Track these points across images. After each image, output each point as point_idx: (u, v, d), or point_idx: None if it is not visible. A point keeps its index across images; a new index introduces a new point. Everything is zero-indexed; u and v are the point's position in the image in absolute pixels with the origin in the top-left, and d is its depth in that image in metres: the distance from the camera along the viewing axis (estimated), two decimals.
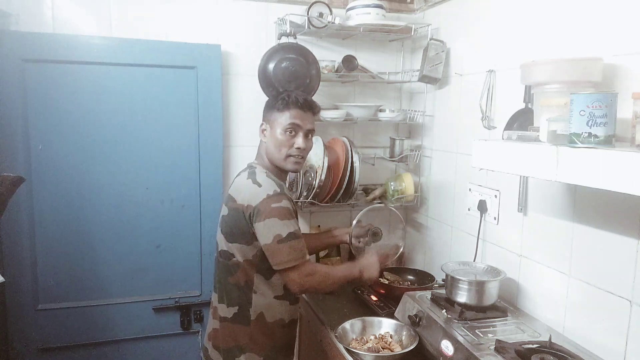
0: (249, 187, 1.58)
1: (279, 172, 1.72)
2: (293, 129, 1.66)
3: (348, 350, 1.64)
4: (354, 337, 1.77)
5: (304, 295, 2.09)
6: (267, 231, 1.52)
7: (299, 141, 1.66)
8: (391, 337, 1.77)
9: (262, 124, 1.73)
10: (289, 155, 1.67)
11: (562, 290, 1.60)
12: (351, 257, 2.56)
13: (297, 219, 1.64)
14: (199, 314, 2.32)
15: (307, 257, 1.59)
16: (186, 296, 2.31)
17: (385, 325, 1.81)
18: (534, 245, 1.74)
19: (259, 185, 1.57)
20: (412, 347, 1.62)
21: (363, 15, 2.21)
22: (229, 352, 1.64)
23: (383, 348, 1.70)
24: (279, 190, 1.57)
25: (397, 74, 2.52)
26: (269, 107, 1.71)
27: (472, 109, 2.00)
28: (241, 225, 1.57)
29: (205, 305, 2.32)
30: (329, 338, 1.82)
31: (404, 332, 1.74)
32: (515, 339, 1.51)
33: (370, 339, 1.76)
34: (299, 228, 1.60)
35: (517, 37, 1.79)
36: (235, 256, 1.61)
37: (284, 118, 1.65)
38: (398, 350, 1.67)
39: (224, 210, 1.65)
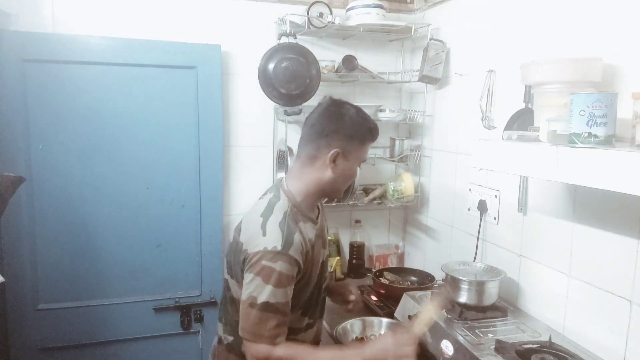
0: (255, 230, 1.34)
1: (313, 202, 1.46)
2: (364, 162, 1.49)
3: None
4: (354, 337, 1.77)
5: None
6: (247, 287, 1.30)
7: (357, 172, 1.50)
8: None
9: (334, 152, 1.37)
10: (347, 186, 1.50)
11: (562, 290, 1.60)
12: (352, 258, 2.56)
13: (309, 269, 1.39)
14: (199, 313, 2.32)
15: (279, 340, 1.29)
16: (186, 296, 2.30)
17: (385, 325, 1.81)
18: (534, 245, 1.74)
19: (264, 234, 1.32)
20: None
21: (363, 15, 2.21)
22: None
23: None
24: (279, 248, 1.28)
25: (397, 74, 2.52)
26: (351, 136, 1.39)
27: (472, 109, 2.00)
28: (237, 262, 1.39)
29: (206, 305, 2.32)
30: (329, 338, 1.82)
31: (405, 332, 1.74)
32: (515, 339, 1.51)
33: (371, 339, 1.76)
34: (287, 301, 1.30)
35: (517, 37, 1.79)
36: (231, 289, 1.45)
37: (364, 151, 1.44)
38: None
39: (231, 237, 1.49)
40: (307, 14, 2.16)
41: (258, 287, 1.28)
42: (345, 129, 1.38)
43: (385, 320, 1.82)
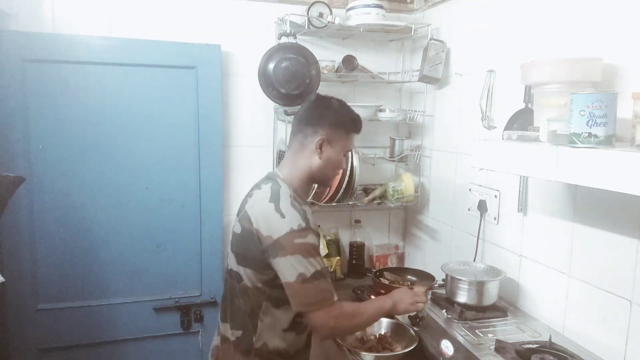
0: (271, 215, 1.41)
1: (306, 189, 1.59)
2: (349, 152, 1.65)
3: (349, 350, 1.64)
4: (355, 337, 1.77)
5: None
6: (290, 269, 1.37)
7: (345, 163, 1.64)
8: (391, 337, 1.77)
9: (320, 139, 1.49)
10: (335, 175, 1.63)
11: (562, 290, 1.60)
12: (352, 258, 2.56)
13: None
14: (199, 314, 2.32)
15: (335, 297, 1.43)
16: (186, 296, 2.30)
17: (386, 325, 1.81)
18: (534, 245, 1.74)
19: (282, 216, 1.39)
20: (412, 347, 1.62)
21: (363, 15, 2.21)
22: None
23: (383, 348, 1.70)
24: (304, 224, 1.40)
25: (397, 74, 2.52)
26: (335, 124, 1.52)
27: (472, 109, 2.00)
28: (254, 250, 1.43)
29: (205, 305, 2.32)
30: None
31: (404, 332, 1.74)
32: (515, 339, 1.51)
33: (371, 339, 1.76)
34: (325, 266, 1.46)
35: (517, 37, 1.79)
36: (243, 280, 1.48)
37: (349, 141, 1.56)
38: (398, 350, 1.67)
39: (237, 228, 1.50)
40: (307, 14, 2.16)
41: (302, 263, 1.37)
42: (329, 118, 1.51)
43: (384, 320, 1.82)
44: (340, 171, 1.66)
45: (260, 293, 1.46)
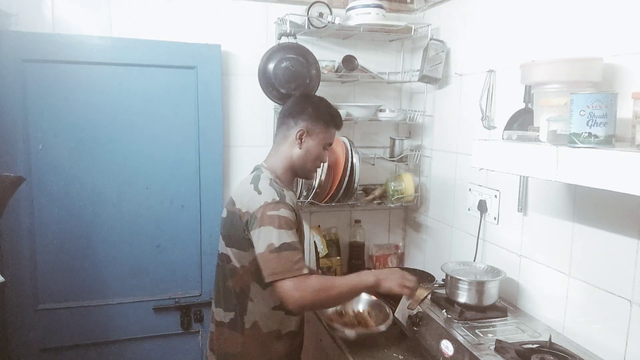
0: (249, 193, 1.52)
1: (289, 178, 1.67)
2: (330, 146, 1.70)
3: (326, 326, 1.74)
4: (335, 309, 1.86)
5: None
6: (262, 239, 1.43)
7: (327, 157, 1.71)
8: (368, 314, 1.87)
9: (300, 130, 1.61)
10: (316, 168, 1.71)
11: (562, 290, 1.60)
12: (352, 258, 2.57)
13: (300, 229, 1.57)
14: (199, 314, 2.32)
15: (305, 271, 1.43)
16: (186, 296, 2.31)
17: (364, 302, 1.91)
18: (534, 245, 1.74)
19: (259, 193, 1.50)
20: (385, 325, 1.72)
21: (363, 15, 2.21)
22: (222, 357, 1.61)
23: (359, 323, 1.78)
24: (277, 198, 1.48)
25: (397, 74, 2.52)
26: (315, 117, 1.63)
27: (472, 109, 2.00)
28: (237, 229, 1.52)
29: (206, 305, 2.32)
30: (321, 324, 1.87)
31: (380, 309, 1.84)
32: (515, 339, 1.51)
33: (349, 313, 1.85)
34: (299, 240, 1.50)
35: (517, 37, 1.79)
36: (232, 260, 1.56)
37: (329, 135, 1.66)
38: (374, 327, 1.76)
39: (224, 212, 1.62)
40: (307, 14, 2.16)
41: (272, 233, 1.43)
42: (309, 112, 1.63)
43: (364, 296, 1.89)
44: (323, 165, 1.74)
45: (248, 273, 1.53)
